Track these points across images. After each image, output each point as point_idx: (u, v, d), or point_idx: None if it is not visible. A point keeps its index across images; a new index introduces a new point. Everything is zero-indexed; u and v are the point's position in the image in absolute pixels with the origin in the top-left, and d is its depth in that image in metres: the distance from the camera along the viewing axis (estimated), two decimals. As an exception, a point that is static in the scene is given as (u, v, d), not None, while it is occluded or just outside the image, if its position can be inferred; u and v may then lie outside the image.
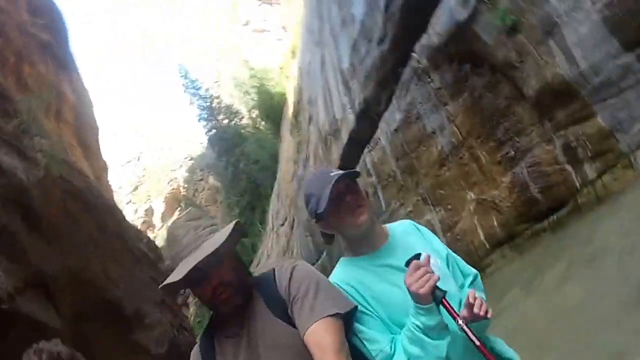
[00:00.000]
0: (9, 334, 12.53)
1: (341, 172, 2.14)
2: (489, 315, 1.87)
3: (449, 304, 1.81)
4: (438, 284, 1.81)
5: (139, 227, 37.39)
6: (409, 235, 2.29)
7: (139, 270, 27.06)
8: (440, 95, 12.53)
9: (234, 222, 2.06)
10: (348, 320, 1.96)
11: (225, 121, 61.86)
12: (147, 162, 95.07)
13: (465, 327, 1.79)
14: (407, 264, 1.86)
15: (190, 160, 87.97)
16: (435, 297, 1.81)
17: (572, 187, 9.69)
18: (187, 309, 49.22)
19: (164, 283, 2.02)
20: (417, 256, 1.88)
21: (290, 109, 34.60)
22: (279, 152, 41.78)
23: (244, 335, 2.02)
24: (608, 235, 8.00)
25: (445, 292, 1.82)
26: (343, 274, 2.18)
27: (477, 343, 1.77)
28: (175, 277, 1.94)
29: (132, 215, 60.32)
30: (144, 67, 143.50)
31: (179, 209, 78.71)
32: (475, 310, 1.85)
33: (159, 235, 67.80)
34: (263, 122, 54.25)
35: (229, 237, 1.96)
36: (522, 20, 9.66)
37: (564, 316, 7.05)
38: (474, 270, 2.38)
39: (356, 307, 1.97)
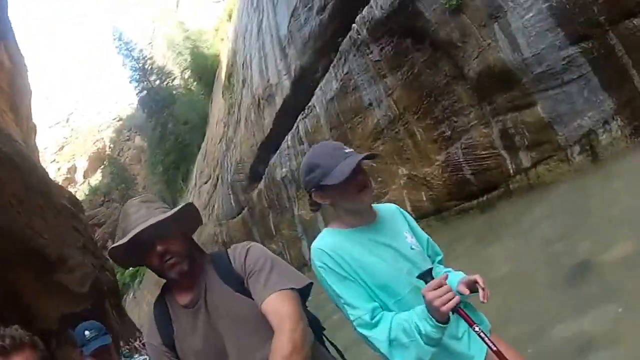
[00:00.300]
0: None
1: (360, 155, 2.20)
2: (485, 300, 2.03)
3: (466, 313, 1.88)
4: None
5: (60, 184, 37.14)
6: (395, 217, 2.41)
7: (62, 221, 27.03)
8: (379, 68, 12.25)
9: (185, 204, 2.18)
10: (304, 297, 2.07)
11: (157, 82, 61.19)
12: (75, 124, 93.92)
13: (482, 334, 1.85)
14: (421, 276, 1.92)
15: (119, 121, 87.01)
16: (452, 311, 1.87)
17: (506, 172, 9.74)
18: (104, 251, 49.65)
19: (111, 246, 2.11)
20: (430, 271, 1.93)
21: (223, 71, 34.28)
22: (208, 113, 41.88)
23: (201, 307, 2.08)
24: (538, 221, 8.12)
25: (461, 302, 1.86)
26: (332, 242, 2.20)
27: (494, 349, 1.83)
28: (121, 241, 2.03)
29: (55, 173, 59.77)
30: (78, 30, 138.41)
31: (101, 167, 78.79)
32: (482, 297, 2.02)
33: (79, 190, 67.11)
34: (195, 84, 53.98)
35: (177, 214, 2.07)
36: (466, 1, 9.45)
37: (490, 286, 7.10)
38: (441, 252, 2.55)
39: (311, 283, 2.08)
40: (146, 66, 61.72)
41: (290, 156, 17.32)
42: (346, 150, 2.23)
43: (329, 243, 2.20)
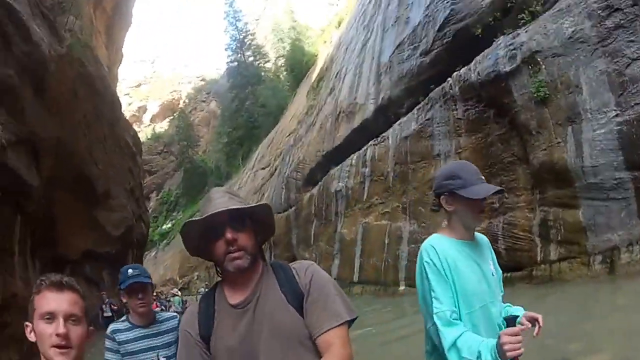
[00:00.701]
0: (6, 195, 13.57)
1: (497, 187, 2.50)
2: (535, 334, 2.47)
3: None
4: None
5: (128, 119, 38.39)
6: (484, 245, 2.69)
7: (119, 158, 28.44)
8: (458, 126, 13.31)
9: (265, 204, 2.25)
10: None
11: (250, 59, 62.85)
12: (159, 67, 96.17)
13: None
14: (508, 320, 2.19)
15: (201, 80, 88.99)
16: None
17: (534, 258, 10.56)
18: (149, 202, 51.06)
19: (186, 221, 2.18)
20: (515, 318, 2.20)
21: (315, 73, 35.24)
22: (287, 105, 42.73)
23: (249, 310, 2.11)
24: (546, 311, 8.65)
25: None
26: (441, 245, 2.50)
27: None
28: (198, 217, 2.12)
29: (125, 107, 61.65)
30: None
31: (170, 117, 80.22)
32: (535, 332, 2.45)
33: (143, 132, 69.28)
34: (285, 73, 54.81)
35: (255, 208, 2.14)
36: (552, 98, 10.38)
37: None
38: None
39: (357, 317, 2.13)
40: (246, 40, 63.22)
41: (350, 174, 18.31)
42: (481, 177, 2.50)
43: (439, 245, 2.49)
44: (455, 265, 2.44)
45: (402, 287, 14.11)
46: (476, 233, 2.67)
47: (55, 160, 18.00)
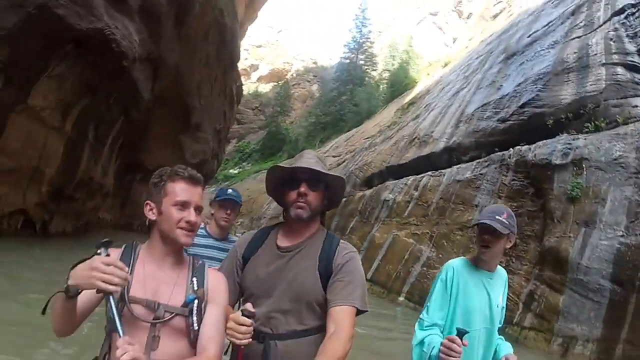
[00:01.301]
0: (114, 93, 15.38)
1: (494, 222, 2.84)
2: None
3: None
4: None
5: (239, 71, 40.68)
6: (501, 279, 3.05)
7: (220, 101, 30.94)
8: (500, 189, 15.19)
9: (342, 177, 2.55)
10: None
11: (361, 62, 67.54)
12: (284, 37, 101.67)
13: None
14: (458, 332, 2.48)
15: (313, 63, 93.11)
16: None
17: (511, 318, 12.31)
18: (228, 145, 54.06)
19: (275, 165, 2.52)
20: (465, 332, 2.48)
21: (409, 97, 37.56)
22: (376, 113, 45.52)
23: (287, 257, 2.39)
24: None
25: None
26: (460, 267, 2.92)
27: None
28: (285, 165, 2.47)
29: (242, 60, 64.94)
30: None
31: (274, 83, 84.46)
32: None
33: (246, 86, 73.08)
34: (385, 86, 57.08)
35: (332, 178, 2.46)
36: (581, 200, 12.20)
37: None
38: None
39: (367, 311, 2.32)
40: (364, 45, 68.10)
41: (402, 191, 20.16)
42: (497, 216, 2.87)
43: (458, 266, 2.89)
44: (466, 286, 2.83)
45: (401, 298, 15.77)
46: (499, 267, 3.06)
47: (168, 83, 19.92)
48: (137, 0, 14.97)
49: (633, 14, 15.95)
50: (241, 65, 71.31)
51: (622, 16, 16.33)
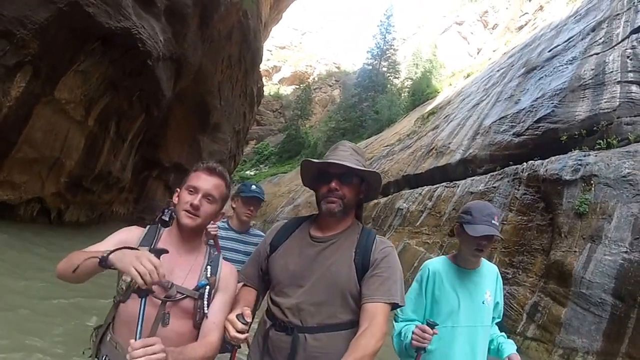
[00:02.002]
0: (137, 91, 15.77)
1: (496, 231, 2.83)
2: None
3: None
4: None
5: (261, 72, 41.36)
6: (489, 274, 3.05)
7: (240, 102, 31.41)
8: (512, 202, 15.33)
9: (377, 172, 2.50)
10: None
11: (384, 69, 67.54)
12: (307, 41, 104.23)
13: None
14: (428, 323, 2.60)
15: (336, 67, 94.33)
16: (417, 349, 2.62)
17: (513, 328, 12.45)
18: (246, 146, 54.64)
19: (306, 159, 2.50)
20: (434, 324, 2.58)
21: (430, 106, 37.64)
22: (396, 121, 45.68)
23: (322, 247, 2.35)
24: None
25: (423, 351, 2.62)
26: (437, 266, 2.98)
27: None
28: (316, 160, 2.45)
29: (264, 61, 65.46)
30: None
31: (296, 86, 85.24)
32: None
33: (267, 87, 73.58)
34: (406, 94, 57.25)
35: (366, 173, 2.42)
36: (588, 216, 12.31)
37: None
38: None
39: (403, 305, 2.34)
40: (387, 52, 68.07)
41: (416, 200, 20.42)
42: (493, 220, 2.79)
43: (434, 266, 2.95)
44: (442, 285, 2.86)
45: None
46: (486, 262, 3.08)
47: (189, 82, 20.36)
48: (164, 1, 15.42)
49: (652, 31, 15.78)
50: (263, 66, 71.67)
51: (641, 33, 16.24)
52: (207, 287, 2.27)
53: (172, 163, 24.45)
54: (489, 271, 3.05)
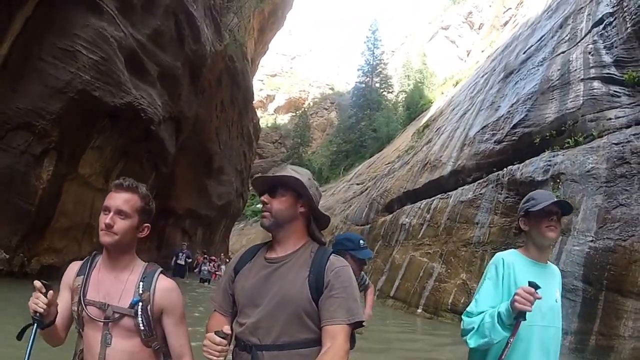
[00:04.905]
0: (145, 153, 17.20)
1: (560, 199, 2.83)
2: None
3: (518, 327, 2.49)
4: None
5: (254, 105, 42.45)
6: (556, 274, 2.96)
7: (238, 143, 33.12)
8: (497, 207, 16.64)
9: (292, 176, 2.36)
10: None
11: (377, 85, 68.01)
12: (297, 65, 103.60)
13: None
14: (530, 284, 2.45)
15: (330, 89, 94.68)
16: (518, 316, 2.46)
17: None
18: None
19: (255, 176, 2.62)
20: (537, 286, 2.44)
21: (425, 118, 38.66)
22: (395, 137, 46.56)
23: (274, 267, 2.33)
24: None
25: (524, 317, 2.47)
26: (510, 258, 2.84)
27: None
28: (268, 173, 2.53)
29: (257, 91, 67.88)
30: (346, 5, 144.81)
31: (293, 113, 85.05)
32: None
33: (264, 118, 73.75)
34: (402, 108, 58.27)
35: (292, 180, 2.34)
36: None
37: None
38: None
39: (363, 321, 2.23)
40: (378, 67, 68.32)
41: (416, 215, 21.69)
42: (555, 199, 2.81)
43: (509, 258, 2.82)
44: (516, 278, 2.68)
45: (419, 310, 17.20)
46: (550, 263, 2.95)
47: (189, 134, 21.83)
48: (156, 68, 16.93)
49: (610, 23, 15.99)
50: (257, 97, 71.11)
51: (601, 27, 16.40)
52: (140, 303, 2.32)
53: (185, 209, 25.83)
54: (554, 269, 2.98)
